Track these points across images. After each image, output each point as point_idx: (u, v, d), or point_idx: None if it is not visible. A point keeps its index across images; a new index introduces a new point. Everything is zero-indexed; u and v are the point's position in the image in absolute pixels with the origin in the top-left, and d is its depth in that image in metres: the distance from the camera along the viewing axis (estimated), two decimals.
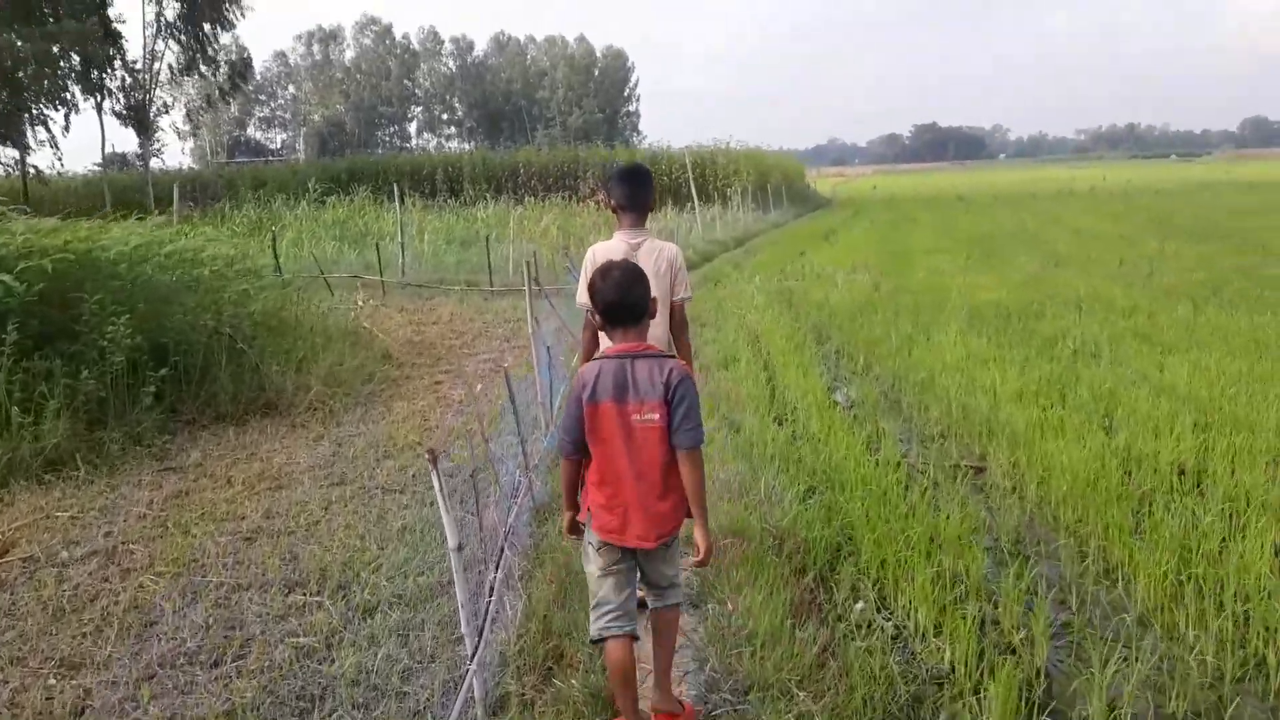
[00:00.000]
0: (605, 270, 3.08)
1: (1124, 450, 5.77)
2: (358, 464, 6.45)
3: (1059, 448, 5.74)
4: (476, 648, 3.24)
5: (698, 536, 2.99)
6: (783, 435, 6.34)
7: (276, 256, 15.67)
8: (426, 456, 3.13)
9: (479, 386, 7.11)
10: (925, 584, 4.02)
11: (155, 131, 40.07)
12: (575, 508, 3.17)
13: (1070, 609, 4.10)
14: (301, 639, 3.97)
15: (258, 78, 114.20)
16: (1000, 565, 4.49)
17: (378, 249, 15.31)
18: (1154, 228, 22.77)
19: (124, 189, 40.10)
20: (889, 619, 4.03)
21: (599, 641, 3.06)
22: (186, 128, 43.51)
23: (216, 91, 42.46)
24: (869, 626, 3.93)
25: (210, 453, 6.88)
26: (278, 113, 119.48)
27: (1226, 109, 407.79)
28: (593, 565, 3.07)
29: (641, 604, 3.26)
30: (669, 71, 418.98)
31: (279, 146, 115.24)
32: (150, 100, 38.00)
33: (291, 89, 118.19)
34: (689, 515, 3.03)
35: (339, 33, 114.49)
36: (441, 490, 3.14)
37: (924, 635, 3.85)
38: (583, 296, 3.68)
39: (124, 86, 36.78)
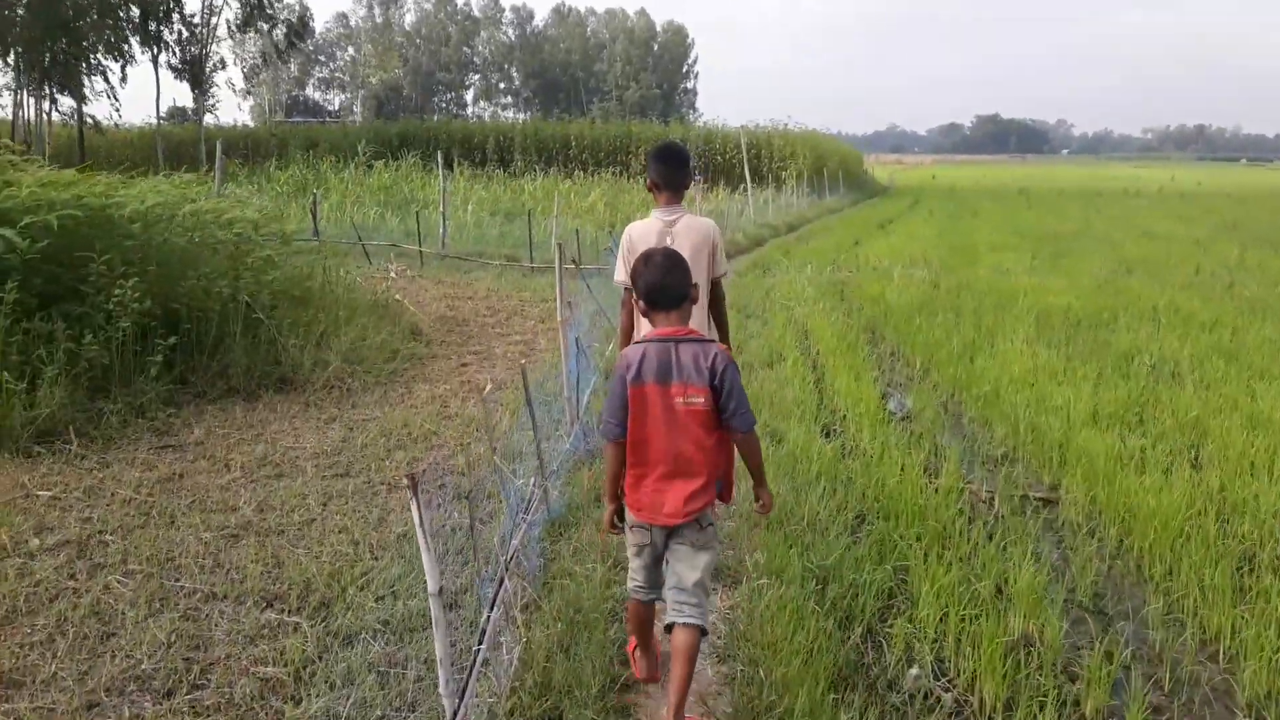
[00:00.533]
0: (647, 256, 3.19)
1: (1218, 493, 5.10)
2: (367, 454, 5.96)
3: (1141, 485, 5.09)
4: (456, 712, 2.71)
5: (762, 493, 3.33)
6: (830, 450, 5.73)
7: (315, 220, 15.28)
8: (406, 483, 2.59)
9: (488, 388, 6.57)
10: (994, 651, 3.43)
11: (210, 87, 40.08)
12: (617, 500, 3.24)
13: (1163, 689, 3.48)
14: (269, 669, 3.47)
15: (317, 38, 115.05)
16: (1078, 625, 3.89)
17: (417, 218, 14.84)
18: (1229, 234, 21.65)
19: (180, 143, 40.25)
20: (949, 689, 3.44)
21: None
22: (242, 85, 43.17)
23: (273, 49, 42.31)
24: (925, 698, 3.35)
25: (214, 430, 6.43)
26: (337, 74, 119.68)
27: None
28: (630, 539, 3.25)
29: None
30: (730, 50, 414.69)
31: (336, 108, 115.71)
32: (206, 55, 37.93)
33: (351, 51, 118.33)
34: (719, 497, 3.22)
35: None
36: (422, 525, 2.61)
37: (991, 715, 3.26)
38: (620, 275, 4.10)
39: (180, 40, 36.72)
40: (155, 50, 35.84)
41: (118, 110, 37.23)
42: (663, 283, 3.09)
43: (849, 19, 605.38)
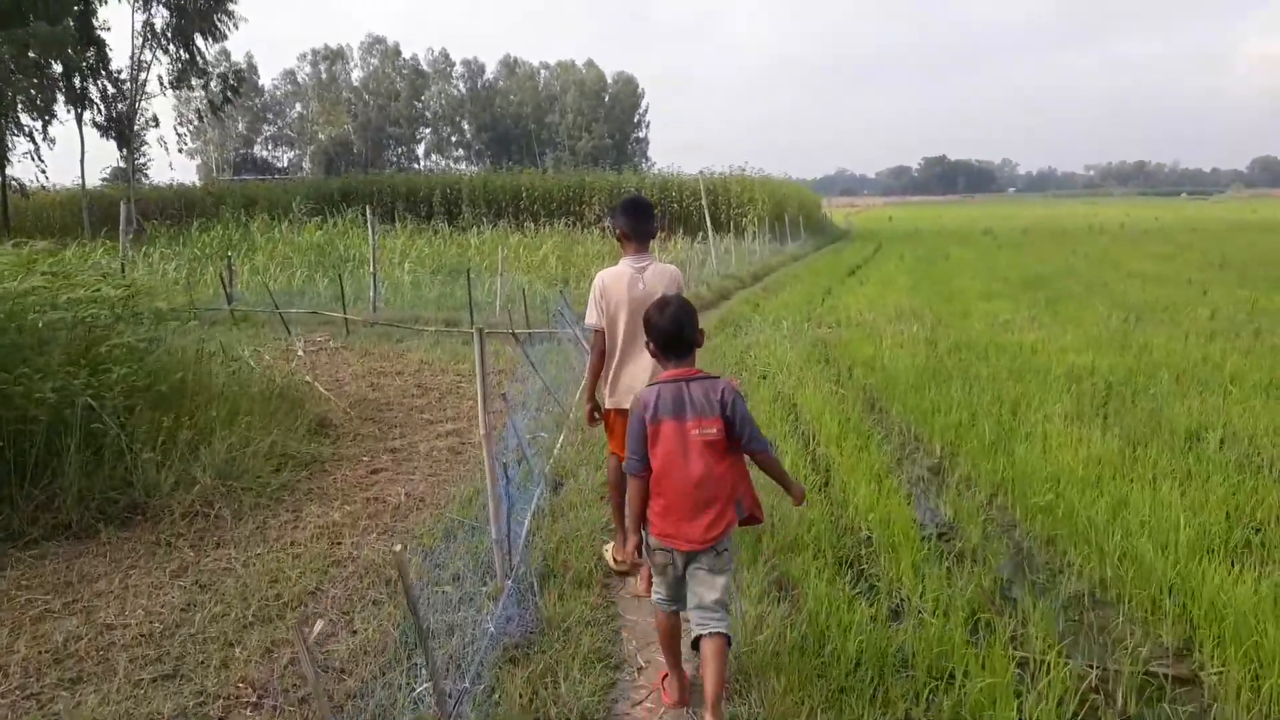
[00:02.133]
0: (662, 304, 3.49)
1: None
2: (211, 635, 4.21)
3: None
4: None
5: (791, 491, 3.61)
6: (864, 613, 4.08)
7: (225, 286, 13.50)
8: None
9: (397, 547, 4.83)
10: None
11: (140, 145, 38.18)
12: (639, 533, 3.48)
13: None
14: None
15: (265, 95, 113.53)
16: None
17: (340, 281, 13.10)
18: (1217, 271, 20.54)
19: (112, 204, 38.17)
20: None
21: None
22: (175, 142, 41.25)
23: (207, 105, 40.52)
24: None
25: (11, 594, 4.65)
26: (285, 131, 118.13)
27: (1236, 148, 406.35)
28: (656, 563, 3.42)
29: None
30: (679, 100, 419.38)
31: (285, 165, 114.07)
32: (135, 112, 36.06)
33: (299, 107, 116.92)
34: (744, 521, 3.52)
35: (346, 52, 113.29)
36: None
37: None
38: (593, 319, 4.53)
39: (105, 96, 34.83)
40: (79, 108, 33.90)
41: (43, 172, 34.64)
42: (676, 331, 3.41)
43: (794, 66, 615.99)
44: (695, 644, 3.32)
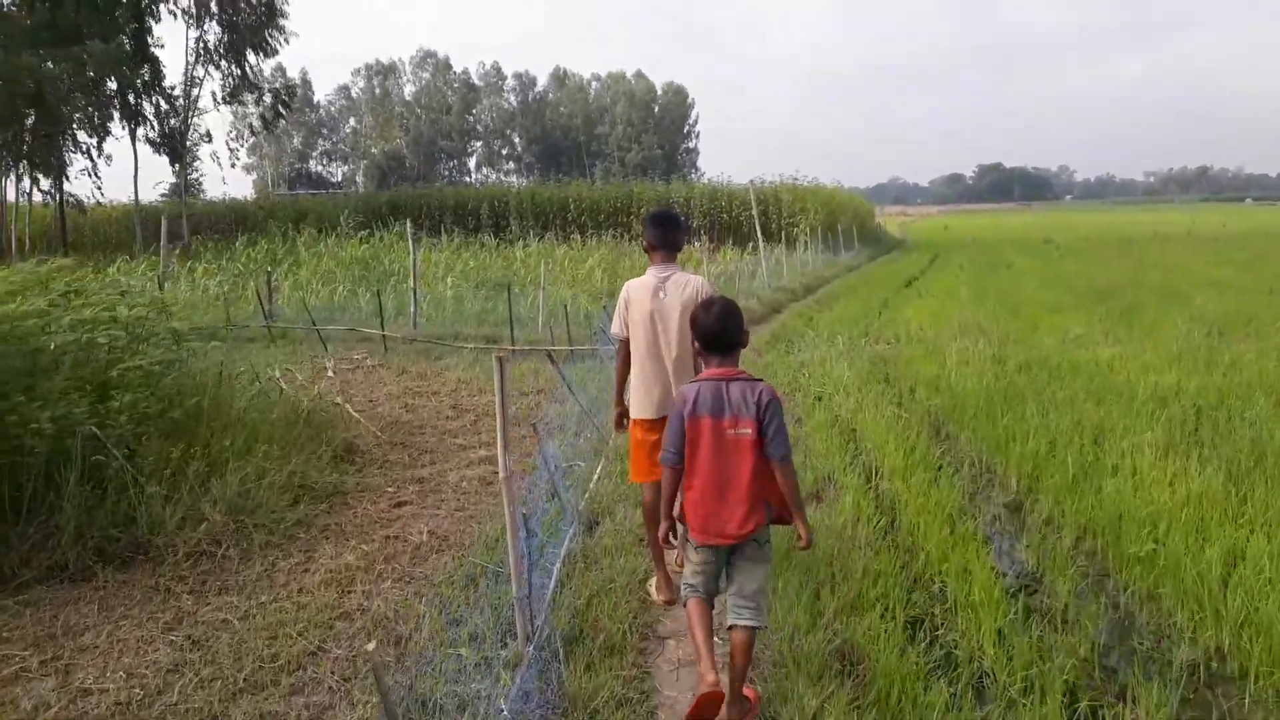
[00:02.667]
0: (709, 304, 3.61)
1: None
2: (194, 702, 3.72)
3: None
4: None
5: (800, 529, 3.46)
6: (943, 694, 3.46)
7: (261, 303, 13.21)
8: None
9: (371, 645, 4.28)
10: None
11: (193, 161, 38.58)
12: (672, 519, 3.61)
13: None
14: None
15: (320, 111, 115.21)
16: None
17: (379, 296, 12.71)
18: None
19: (168, 220, 38.60)
20: None
21: (684, 601, 3.56)
22: (228, 157, 41.62)
23: (260, 120, 40.84)
24: None
25: None
26: (339, 146, 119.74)
27: None
28: (690, 557, 3.56)
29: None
30: (729, 109, 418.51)
31: (339, 179, 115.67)
32: (188, 128, 36.42)
33: (353, 122, 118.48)
34: (774, 520, 3.51)
35: (399, 67, 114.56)
36: None
37: None
38: (617, 328, 4.64)
39: (159, 113, 35.20)
40: (133, 125, 34.28)
41: (99, 188, 35.03)
42: (720, 330, 3.53)
43: (846, 73, 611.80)
44: (730, 628, 3.46)
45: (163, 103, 35.49)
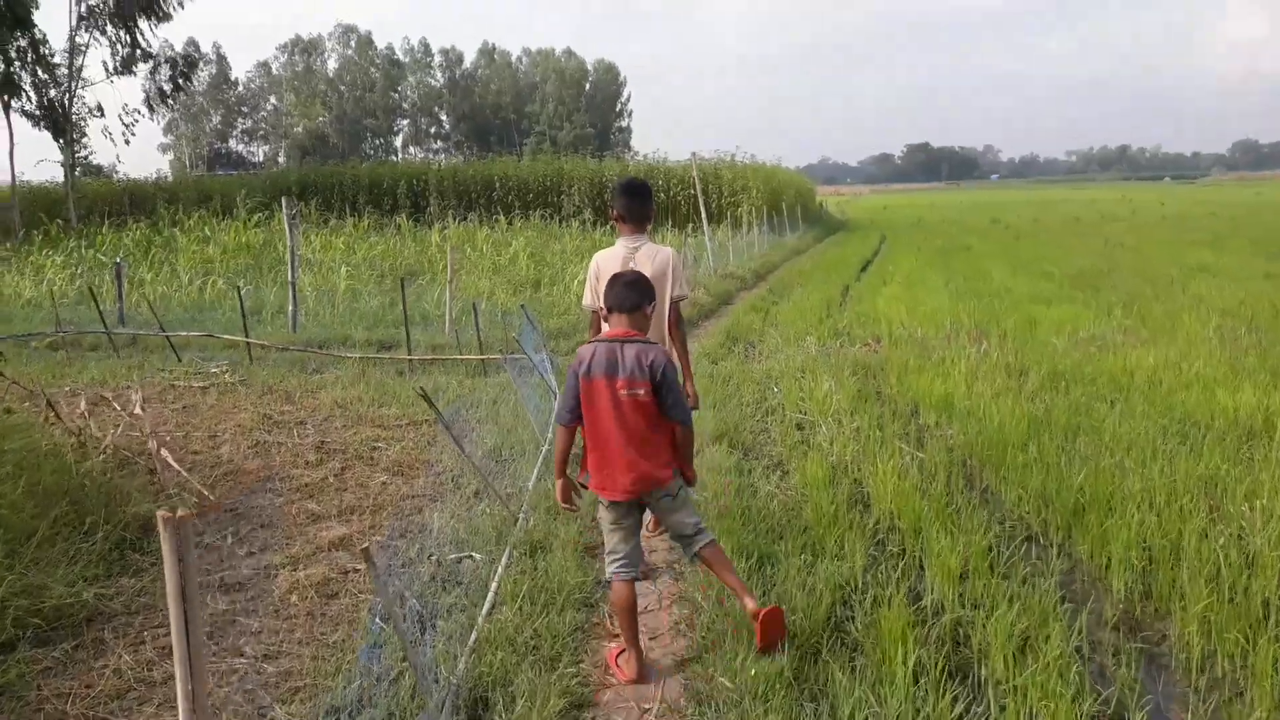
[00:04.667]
0: (616, 277, 3.69)
1: None
2: None
3: None
4: None
5: (687, 473, 3.61)
6: None
7: (97, 302, 10.65)
8: None
9: None
10: None
11: (80, 136, 35.09)
12: (564, 474, 3.62)
13: None
14: None
15: (240, 88, 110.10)
16: None
17: (239, 294, 10.23)
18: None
19: (55, 202, 35.11)
20: None
21: (608, 582, 3.64)
22: (122, 133, 38.02)
23: (157, 93, 37.43)
24: None
25: None
26: (261, 125, 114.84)
27: (1216, 132, 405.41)
28: (604, 519, 3.61)
29: None
30: (660, 88, 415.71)
31: (261, 159, 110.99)
32: (71, 100, 32.96)
33: (274, 100, 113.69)
34: (675, 474, 3.56)
35: (319, 43, 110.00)
36: None
37: None
38: (589, 300, 4.63)
39: (37, 82, 31.71)
40: (6, 97, 30.80)
41: None
42: (622, 294, 3.57)
43: (774, 53, 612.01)
44: (694, 558, 3.65)
45: (40, 71, 32.00)
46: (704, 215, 19.01)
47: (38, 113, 32.04)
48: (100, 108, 36.13)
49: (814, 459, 5.76)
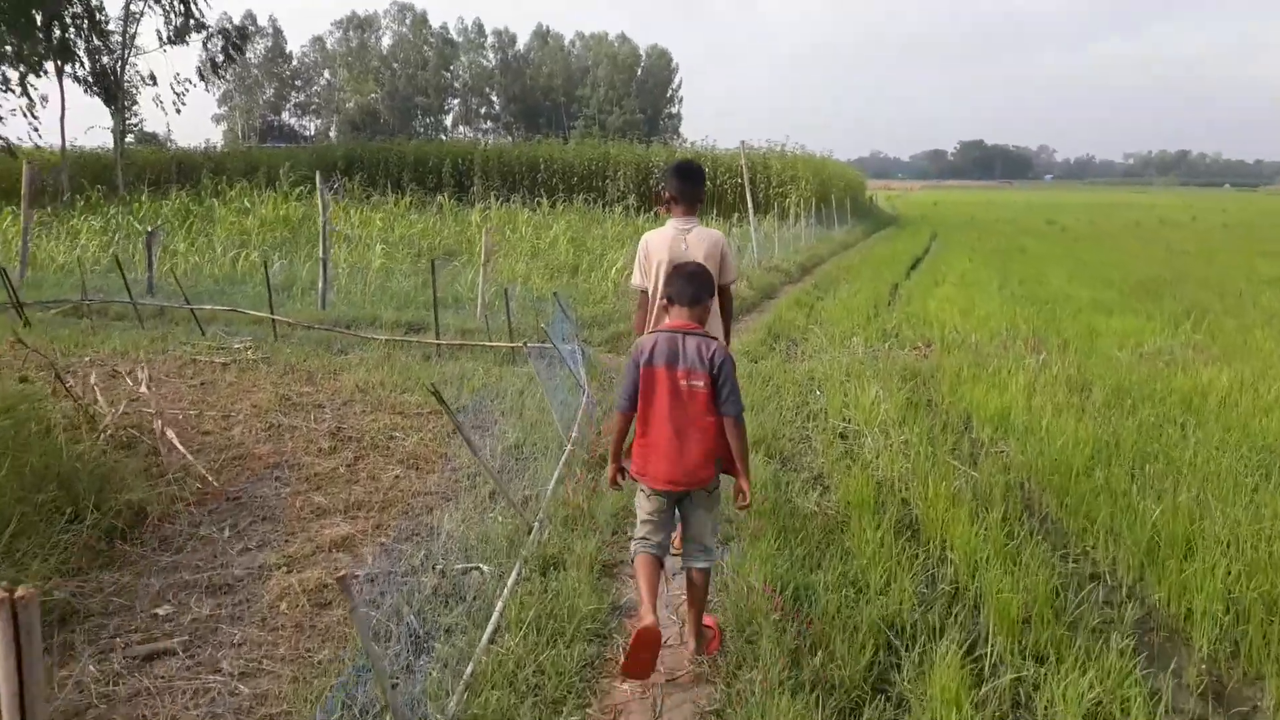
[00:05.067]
0: (679, 269, 3.71)
1: None
2: None
3: None
4: None
5: (743, 485, 3.52)
6: None
7: (123, 273, 10.41)
8: None
9: None
10: None
11: (131, 104, 35.25)
12: (619, 460, 3.69)
13: None
14: None
15: (294, 62, 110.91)
16: None
17: (266, 269, 9.93)
18: None
19: (105, 168, 35.35)
20: None
21: (633, 558, 3.60)
22: (173, 102, 38.22)
23: (208, 65, 37.51)
24: None
25: None
26: (313, 99, 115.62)
27: (1278, 140, 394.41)
28: (641, 506, 3.60)
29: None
30: (711, 75, 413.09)
31: (313, 133, 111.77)
32: (123, 67, 33.08)
33: (327, 74, 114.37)
34: (722, 471, 3.56)
35: (374, 20, 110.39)
36: None
37: None
38: (637, 279, 4.61)
39: (91, 49, 31.84)
40: (60, 62, 30.93)
41: (36, 130, 31.57)
42: (683, 288, 3.57)
43: (829, 44, 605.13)
44: (686, 570, 3.62)
45: (95, 38, 32.12)
46: (750, 205, 18.46)
47: (90, 79, 32.18)
48: (153, 76, 36.35)
49: (858, 476, 5.30)
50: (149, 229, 11.94)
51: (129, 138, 37.57)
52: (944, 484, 5.08)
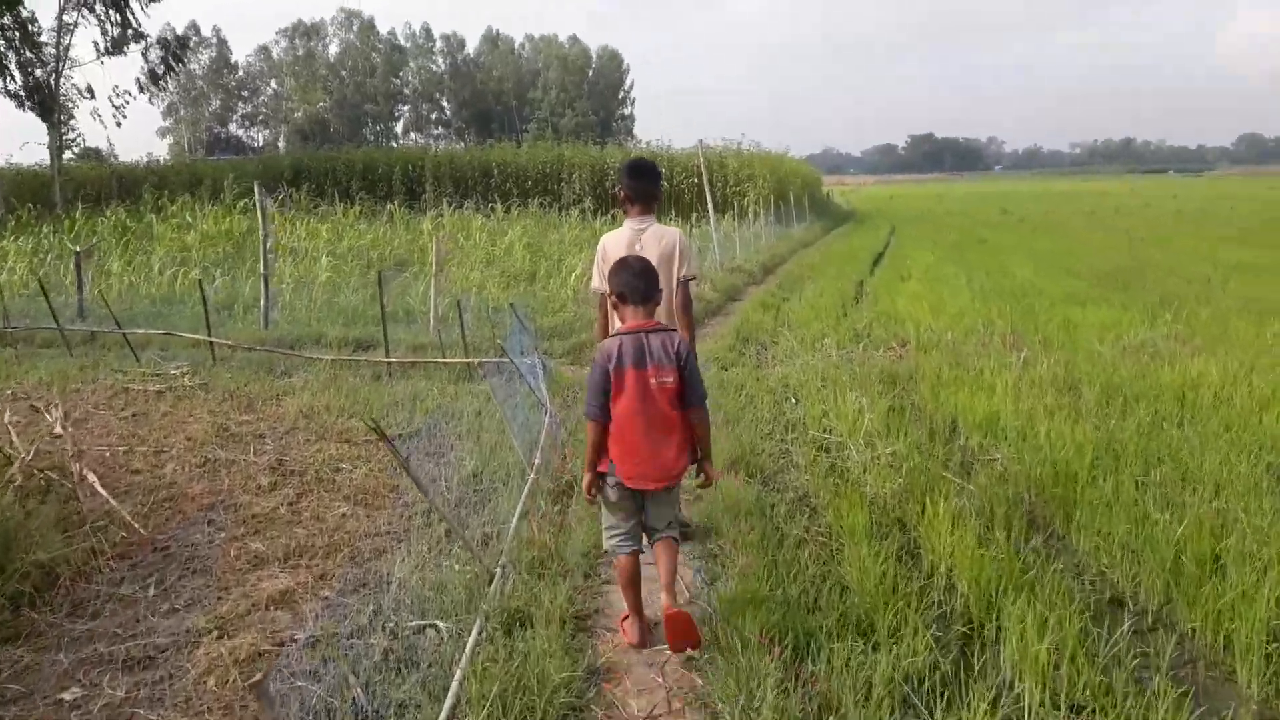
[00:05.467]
0: (623, 262, 3.72)
1: None
2: None
3: None
4: None
5: (707, 469, 3.65)
6: None
7: (47, 296, 9.75)
8: None
9: None
10: None
11: (68, 118, 34.16)
12: (595, 470, 3.59)
13: None
14: None
15: (241, 72, 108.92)
16: None
17: (201, 287, 9.31)
18: None
19: (43, 185, 34.17)
20: None
21: (612, 554, 3.77)
22: (113, 116, 37.12)
23: (148, 75, 36.44)
24: None
25: None
26: (260, 109, 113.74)
27: (1222, 126, 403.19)
28: (610, 498, 3.63)
29: None
30: (662, 75, 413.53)
31: (260, 144, 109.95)
32: (58, 80, 31.98)
33: (274, 84, 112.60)
34: (692, 462, 3.62)
35: (321, 27, 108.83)
36: None
37: None
38: (596, 282, 4.47)
39: (23, 63, 30.74)
40: None
41: None
42: (640, 284, 3.58)
43: (778, 43, 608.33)
44: (652, 544, 3.67)
45: (27, 50, 31.01)
46: (710, 205, 18.06)
47: (23, 93, 31.06)
48: (90, 89, 35.26)
49: (849, 498, 4.86)
50: (77, 249, 11.24)
51: (67, 154, 36.42)
52: (943, 502, 4.66)
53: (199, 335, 9.03)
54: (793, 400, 7.39)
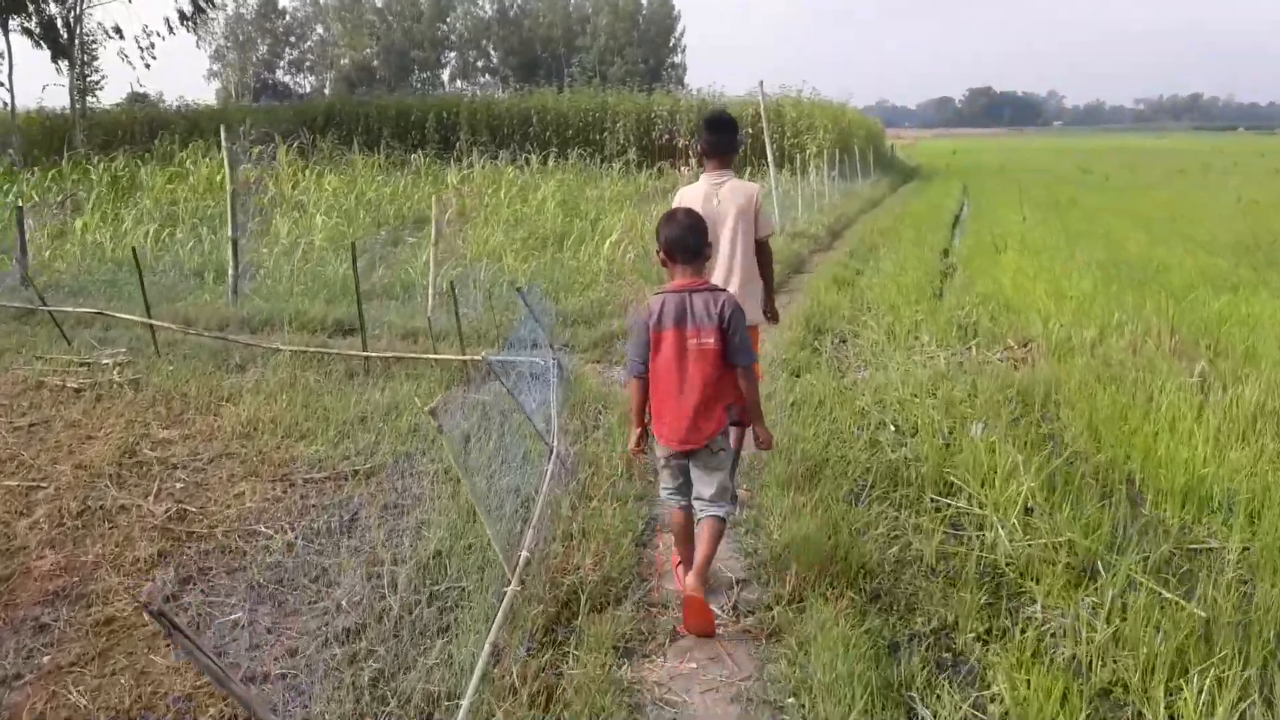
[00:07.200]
0: (670, 215, 3.63)
1: None
2: None
3: None
4: None
5: (758, 431, 3.60)
6: None
7: (22, 256, 7.99)
8: None
9: None
10: None
11: (90, 59, 32.59)
12: (642, 424, 3.61)
13: None
14: None
15: (287, 17, 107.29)
16: None
17: (134, 255, 7.45)
18: None
19: (61, 127, 32.72)
20: None
21: (668, 511, 3.79)
22: (140, 57, 35.44)
23: (177, 15, 34.72)
24: None
25: None
26: (307, 55, 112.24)
27: None
28: (659, 458, 3.62)
29: None
30: (714, 25, 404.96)
31: (308, 90, 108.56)
32: (79, 19, 30.36)
33: (320, 30, 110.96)
34: (733, 422, 3.61)
35: None
36: None
37: None
38: None
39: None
40: (4, 14, 28.26)
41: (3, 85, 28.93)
42: (686, 239, 3.50)
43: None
44: (699, 523, 3.58)
45: None
46: (770, 161, 15.92)
47: (38, 31, 29.49)
48: (119, 29, 33.60)
49: (1039, 673, 2.90)
50: (19, 204, 9.48)
51: (103, 98, 35.02)
52: (1182, 678, 2.70)
53: (134, 316, 7.22)
54: (890, 426, 5.44)
